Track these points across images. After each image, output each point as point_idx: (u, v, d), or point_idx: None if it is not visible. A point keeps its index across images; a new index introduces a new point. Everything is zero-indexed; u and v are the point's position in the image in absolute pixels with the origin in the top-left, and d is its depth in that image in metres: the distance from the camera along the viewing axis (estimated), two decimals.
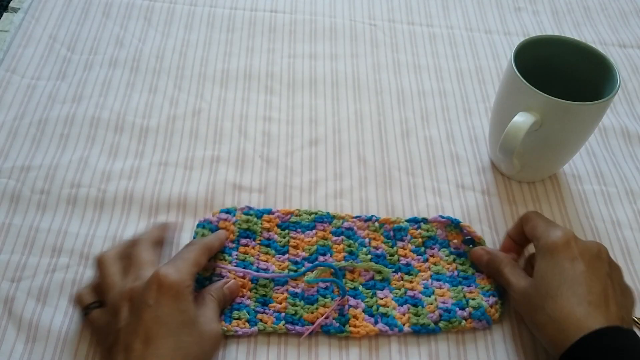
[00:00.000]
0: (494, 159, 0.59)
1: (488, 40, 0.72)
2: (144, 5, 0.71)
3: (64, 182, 0.54)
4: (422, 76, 0.67)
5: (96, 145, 0.57)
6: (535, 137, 0.51)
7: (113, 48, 0.66)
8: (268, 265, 0.49)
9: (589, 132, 0.54)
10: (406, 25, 0.73)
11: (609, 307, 0.40)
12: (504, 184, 0.58)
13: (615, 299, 0.41)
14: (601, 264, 0.43)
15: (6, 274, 0.47)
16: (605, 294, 0.41)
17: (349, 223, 0.53)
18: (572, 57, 0.55)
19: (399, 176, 0.58)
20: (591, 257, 0.43)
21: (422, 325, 0.46)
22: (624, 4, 0.79)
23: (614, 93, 0.50)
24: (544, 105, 0.50)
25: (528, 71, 0.51)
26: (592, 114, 0.52)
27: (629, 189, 0.58)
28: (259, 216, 0.52)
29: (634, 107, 0.66)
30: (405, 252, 0.51)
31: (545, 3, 0.78)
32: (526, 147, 0.52)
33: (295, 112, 0.62)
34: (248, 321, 0.46)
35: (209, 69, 0.65)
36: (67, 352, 0.44)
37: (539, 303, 0.42)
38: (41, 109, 0.59)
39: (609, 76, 0.52)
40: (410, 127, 0.62)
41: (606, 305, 0.40)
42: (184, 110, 0.61)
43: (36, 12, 0.68)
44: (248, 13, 0.72)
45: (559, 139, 0.53)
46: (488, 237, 0.53)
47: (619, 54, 0.72)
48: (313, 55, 0.68)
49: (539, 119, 0.50)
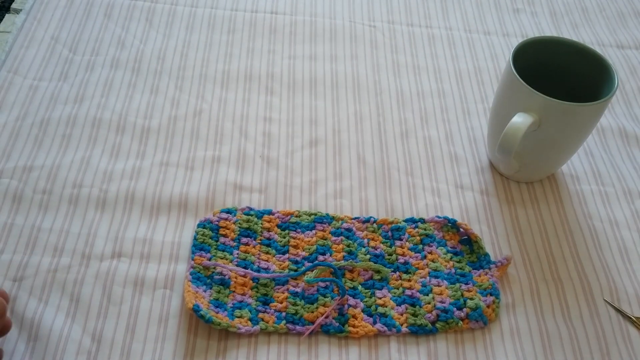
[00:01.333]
0: (493, 159, 0.59)
1: (487, 41, 0.73)
2: (145, 7, 0.71)
3: (65, 182, 0.54)
4: (422, 77, 0.68)
5: (98, 145, 0.57)
6: (534, 137, 0.52)
7: (115, 49, 0.66)
8: (269, 264, 0.50)
9: (587, 132, 0.54)
10: (405, 26, 0.74)
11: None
12: (503, 184, 0.58)
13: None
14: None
15: (8, 273, 0.48)
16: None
17: (348, 224, 0.53)
18: (570, 58, 0.56)
19: (398, 176, 0.58)
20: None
21: (420, 326, 0.47)
22: (621, 5, 0.79)
23: (612, 94, 0.51)
24: (542, 106, 0.50)
25: (526, 72, 0.52)
26: (591, 115, 0.52)
27: (626, 189, 0.59)
28: (260, 216, 0.53)
29: (632, 108, 0.67)
30: (403, 250, 0.52)
31: (544, 4, 0.79)
32: (525, 148, 0.53)
33: (295, 112, 0.63)
34: (250, 320, 0.46)
35: (210, 70, 0.66)
36: (68, 351, 0.44)
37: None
38: (43, 110, 0.59)
39: (607, 77, 0.53)
40: (410, 127, 0.62)
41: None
42: (185, 111, 0.61)
43: (38, 14, 0.69)
44: (249, 14, 0.72)
45: (557, 140, 0.53)
46: (487, 237, 0.54)
47: (617, 55, 0.72)
48: (313, 57, 0.68)
49: (538, 119, 0.50)
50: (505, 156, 0.51)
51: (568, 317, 0.49)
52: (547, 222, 0.55)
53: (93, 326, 0.45)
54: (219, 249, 0.50)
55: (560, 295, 0.50)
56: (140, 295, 0.47)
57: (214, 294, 0.47)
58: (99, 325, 0.45)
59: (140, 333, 0.45)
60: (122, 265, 0.49)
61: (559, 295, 0.50)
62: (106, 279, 0.48)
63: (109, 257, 0.49)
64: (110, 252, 0.50)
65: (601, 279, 0.52)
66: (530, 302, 0.50)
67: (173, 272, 0.49)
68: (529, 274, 0.52)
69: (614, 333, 0.48)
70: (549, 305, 0.50)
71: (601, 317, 0.49)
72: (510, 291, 0.50)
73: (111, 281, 0.48)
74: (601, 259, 0.53)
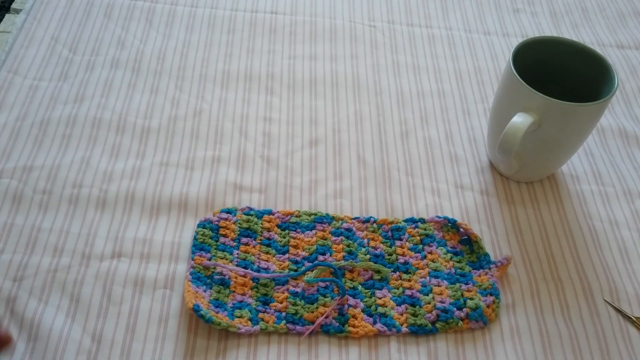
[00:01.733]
0: (493, 159, 0.59)
1: (487, 41, 0.73)
2: (145, 7, 0.71)
3: (65, 182, 0.54)
4: (422, 77, 0.68)
5: (98, 145, 0.57)
6: (534, 137, 0.52)
7: (115, 49, 0.66)
8: (269, 264, 0.50)
9: (587, 132, 0.54)
10: (405, 26, 0.74)
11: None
12: (503, 184, 0.58)
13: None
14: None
15: (8, 273, 0.48)
16: None
17: (348, 224, 0.53)
18: (570, 58, 0.56)
19: (398, 176, 0.58)
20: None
21: (420, 326, 0.47)
22: (621, 5, 0.79)
23: (612, 94, 0.51)
24: (542, 105, 0.50)
25: (526, 72, 0.52)
26: (590, 115, 0.52)
27: (626, 189, 0.59)
28: (260, 216, 0.53)
29: (632, 108, 0.67)
30: (403, 250, 0.52)
31: (544, 4, 0.79)
32: (525, 148, 0.53)
33: (295, 112, 0.63)
34: (250, 320, 0.46)
35: (210, 70, 0.66)
36: (68, 351, 0.44)
37: None
38: (43, 110, 0.60)
39: (607, 77, 0.53)
40: (410, 127, 0.62)
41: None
42: (185, 111, 0.61)
43: (38, 14, 0.69)
44: (249, 14, 0.72)
45: (557, 139, 0.53)
46: (487, 237, 0.54)
47: (617, 55, 0.72)
48: (313, 57, 0.68)
49: (537, 119, 0.50)
50: (505, 156, 0.51)
51: (568, 317, 0.49)
52: (547, 222, 0.55)
53: (93, 326, 0.45)
54: (219, 249, 0.50)
55: (560, 295, 0.50)
56: (140, 295, 0.47)
57: (214, 294, 0.47)
58: (99, 325, 0.45)
59: (140, 333, 0.45)
60: (122, 265, 0.49)
61: (559, 295, 0.50)
62: (106, 279, 0.48)
63: (109, 257, 0.49)
64: (110, 252, 0.50)
65: (601, 279, 0.52)
66: (530, 302, 0.50)
67: (173, 272, 0.49)
68: (529, 274, 0.52)
69: (614, 333, 0.48)
70: (549, 305, 0.50)
71: (601, 317, 0.49)
72: (510, 291, 0.50)
73: (111, 281, 0.48)
74: (601, 259, 0.53)
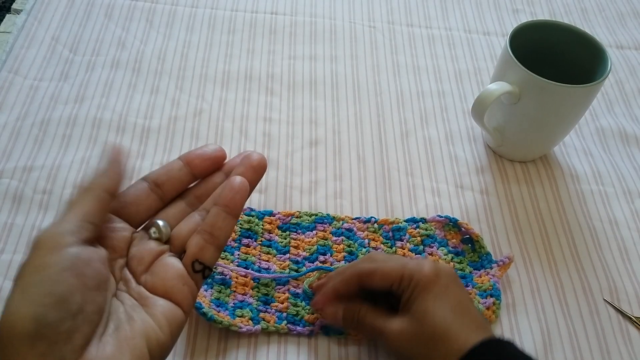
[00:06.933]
0: (485, 137, 0.61)
1: (486, 41, 0.73)
2: (145, 7, 0.72)
3: (66, 183, 0.54)
4: (421, 77, 0.68)
5: (98, 145, 0.57)
6: (514, 110, 0.54)
7: (115, 49, 0.66)
8: (269, 265, 0.50)
9: (571, 115, 0.55)
10: (405, 27, 0.74)
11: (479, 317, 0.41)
12: (503, 184, 0.58)
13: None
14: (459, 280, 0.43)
15: (8, 273, 0.48)
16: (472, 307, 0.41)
17: (348, 224, 0.53)
18: (568, 43, 0.57)
19: (398, 176, 0.58)
20: (456, 278, 0.42)
21: None
22: (621, 6, 0.80)
23: (600, 80, 0.51)
24: (521, 78, 0.52)
25: (525, 55, 0.53)
26: (572, 97, 0.52)
27: (626, 189, 0.59)
28: (260, 217, 0.53)
29: (632, 108, 0.67)
30: (404, 251, 0.52)
31: (543, 5, 0.79)
32: (506, 121, 0.56)
33: (295, 113, 0.63)
34: (251, 319, 0.46)
35: (210, 70, 0.66)
36: None
37: (430, 339, 0.39)
38: (44, 110, 0.60)
39: (601, 64, 0.54)
40: (410, 127, 0.63)
41: (477, 315, 0.40)
42: (185, 111, 0.61)
43: (39, 14, 0.69)
44: (249, 15, 0.73)
45: (538, 117, 0.54)
46: (487, 237, 0.54)
47: (617, 55, 0.73)
48: (313, 57, 0.69)
49: (517, 92, 0.52)
50: (476, 119, 0.54)
51: (568, 316, 0.49)
52: (547, 221, 0.55)
53: None
54: None
55: (560, 295, 0.50)
56: None
57: (215, 294, 0.47)
58: None
59: None
60: None
61: (559, 295, 0.50)
62: None
63: None
64: None
65: (601, 278, 0.52)
66: (531, 302, 0.50)
67: None
68: (529, 273, 0.52)
69: (614, 333, 0.48)
70: (549, 305, 0.50)
71: (601, 317, 0.49)
72: (510, 291, 0.50)
73: None
74: (601, 259, 0.53)
